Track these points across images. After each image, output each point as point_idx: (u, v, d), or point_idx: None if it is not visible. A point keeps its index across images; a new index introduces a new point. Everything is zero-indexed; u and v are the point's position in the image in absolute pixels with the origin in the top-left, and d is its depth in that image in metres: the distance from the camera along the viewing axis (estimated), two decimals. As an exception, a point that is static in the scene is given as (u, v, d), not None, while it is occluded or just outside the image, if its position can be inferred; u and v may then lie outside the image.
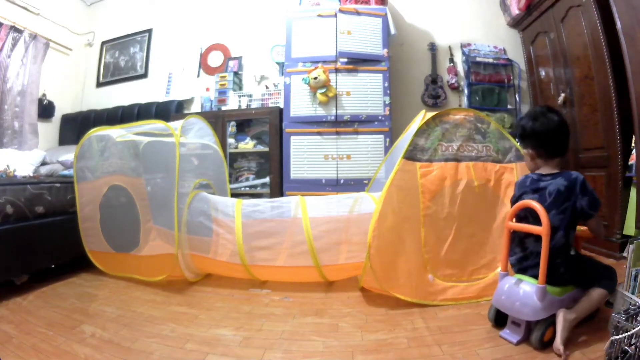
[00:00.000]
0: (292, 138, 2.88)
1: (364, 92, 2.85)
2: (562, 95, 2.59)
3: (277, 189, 2.97)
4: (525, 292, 1.17)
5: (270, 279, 1.95)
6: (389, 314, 1.49)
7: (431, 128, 1.66)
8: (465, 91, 3.23)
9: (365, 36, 2.88)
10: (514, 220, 1.30)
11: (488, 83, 3.19)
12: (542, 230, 1.15)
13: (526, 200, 1.23)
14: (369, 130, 2.82)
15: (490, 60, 3.21)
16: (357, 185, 2.72)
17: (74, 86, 4.11)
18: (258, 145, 3.25)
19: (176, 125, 1.98)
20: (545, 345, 1.13)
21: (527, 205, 1.21)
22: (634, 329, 0.95)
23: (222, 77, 3.52)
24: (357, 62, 2.87)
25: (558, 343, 1.09)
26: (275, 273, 1.92)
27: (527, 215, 1.26)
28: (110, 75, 4.11)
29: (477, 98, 3.18)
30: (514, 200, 1.35)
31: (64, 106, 3.94)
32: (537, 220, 1.18)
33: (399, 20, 3.39)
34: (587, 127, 2.37)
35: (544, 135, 1.29)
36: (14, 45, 3.28)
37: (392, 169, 1.60)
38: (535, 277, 1.16)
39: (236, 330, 1.39)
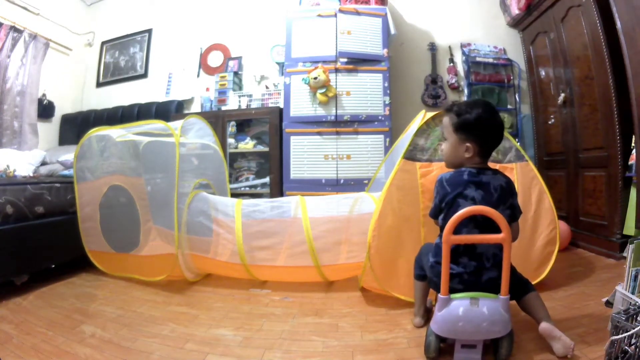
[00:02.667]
0: (292, 138, 2.88)
1: (364, 92, 2.85)
2: (562, 95, 2.59)
3: (277, 189, 2.97)
4: (490, 309, 1.05)
5: (270, 279, 1.95)
6: (389, 314, 1.49)
7: (431, 128, 1.66)
8: (465, 91, 3.23)
9: (365, 36, 2.88)
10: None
11: (488, 83, 3.19)
12: (502, 237, 1.04)
13: (478, 207, 1.06)
14: (369, 130, 2.82)
15: (490, 60, 3.21)
16: (357, 185, 2.72)
17: (74, 86, 4.11)
18: (258, 145, 3.25)
19: (176, 125, 1.98)
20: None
21: (479, 212, 1.05)
22: (634, 329, 0.95)
23: (222, 77, 3.52)
24: (357, 62, 2.87)
25: (568, 343, 1.07)
26: (275, 273, 1.92)
27: (465, 223, 1.09)
28: (110, 75, 4.11)
29: (477, 98, 3.18)
30: (447, 201, 1.14)
31: (63, 106, 3.94)
32: (481, 228, 1.09)
33: (399, 20, 3.39)
34: (587, 127, 2.37)
35: (495, 131, 1.17)
36: (13, 45, 3.28)
37: (392, 169, 1.60)
38: (491, 289, 1.09)
39: (236, 330, 1.39)
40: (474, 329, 1.07)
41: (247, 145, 3.25)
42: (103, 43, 4.16)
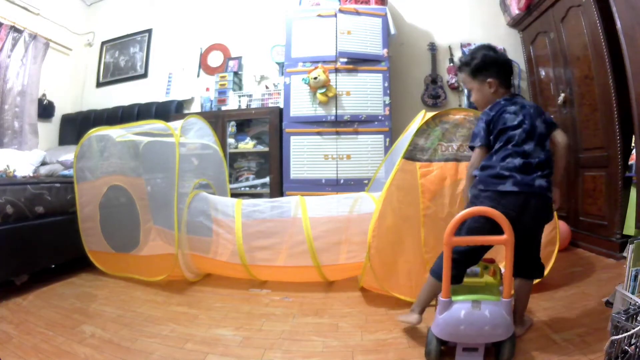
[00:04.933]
0: (292, 138, 2.88)
1: (363, 92, 2.85)
2: (562, 95, 2.59)
3: (277, 189, 2.97)
4: (492, 312, 1.05)
5: (270, 279, 1.95)
6: (389, 314, 1.49)
7: (431, 128, 1.66)
8: (465, 91, 3.23)
9: (365, 36, 2.88)
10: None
11: (488, 83, 3.19)
12: (505, 238, 1.03)
13: (481, 208, 1.07)
14: (369, 130, 2.82)
15: (490, 60, 3.20)
16: (357, 185, 2.72)
17: (74, 86, 4.11)
18: (258, 145, 3.25)
19: (176, 125, 1.98)
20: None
21: (483, 213, 1.06)
22: (634, 329, 0.95)
23: (222, 77, 3.52)
24: (357, 62, 2.87)
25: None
26: (275, 273, 1.92)
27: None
28: (110, 75, 4.11)
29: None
30: (493, 120, 1.23)
31: (64, 106, 3.94)
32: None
33: (399, 20, 3.39)
34: (587, 127, 2.37)
35: (502, 60, 1.32)
36: (14, 45, 3.28)
37: (392, 169, 1.60)
38: (541, 198, 1.13)
39: (236, 330, 1.39)
40: (475, 332, 1.06)
41: (247, 145, 3.25)
42: (103, 43, 4.16)
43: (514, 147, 1.17)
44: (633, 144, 2.00)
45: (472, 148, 1.30)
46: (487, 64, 1.30)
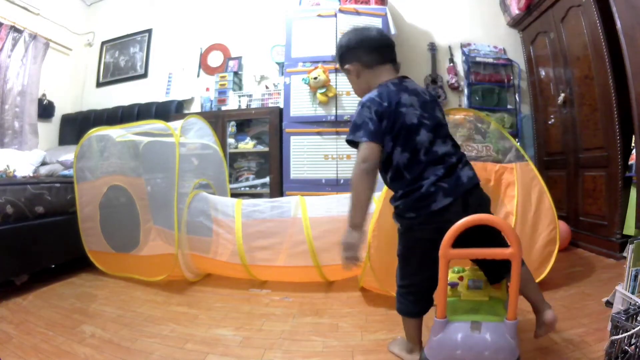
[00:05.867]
0: (292, 138, 2.88)
1: (364, 92, 2.85)
2: (562, 95, 2.59)
3: (277, 189, 2.97)
4: (494, 335, 0.90)
5: (270, 279, 1.95)
6: (389, 314, 1.49)
7: (431, 128, 1.66)
8: (465, 91, 3.23)
9: (365, 36, 2.88)
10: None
11: (488, 83, 3.19)
12: (511, 252, 0.85)
13: (482, 216, 0.87)
14: (369, 130, 2.82)
15: (490, 60, 3.21)
16: (357, 185, 2.71)
17: (74, 86, 4.11)
18: (258, 145, 3.25)
19: (176, 125, 1.98)
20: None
21: (484, 222, 0.86)
22: (634, 329, 0.95)
23: (222, 77, 3.52)
24: (357, 62, 2.86)
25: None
26: (275, 273, 1.92)
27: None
28: (110, 75, 4.11)
29: (477, 98, 3.18)
30: (388, 114, 1.01)
31: (64, 106, 3.94)
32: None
33: (399, 20, 3.38)
34: (587, 127, 2.37)
35: (365, 40, 1.11)
36: (14, 45, 3.28)
37: (392, 169, 1.60)
38: (477, 191, 0.99)
39: (236, 330, 1.39)
40: (474, 358, 0.92)
41: (247, 145, 3.25)
42: (103, 43, 4.16)
43: (426, 155, 0.99)
44: (633, 144, 2.00)
45: (352, 143, 1.07)
46: (341, 51, 1.14)
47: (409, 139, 1.00)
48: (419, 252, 1.03)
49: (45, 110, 3.69)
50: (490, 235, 0.94)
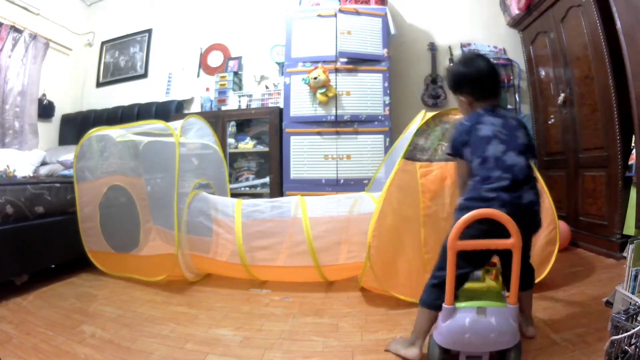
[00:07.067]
0: (292, 138, 2.88)
1: (363, 92, 2.85)
2: (562, 95, 2.59)
3: (277, 189, 2.97)
4: (498, 319, 1.01)
5: (270, 279, 1.95)
6: (389, 314, 1.49)
7: (431, 128, 1.66)
8: (465, 91, 3.22)
9: (365, 36, 2.88)
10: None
11: (488, 83, 3.19)
12: (512, 242, 0.98)
13: (488, 210, 0.99)
14: (369, 130, 2.82)
15: (490, 60, 3.20)
16: (357, 185, 2.72)
17: (74, 86, 4.11)
18: (258, 145, 3.25)
19: (176, 125, 1.98)
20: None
21: (489, 216, 0.98)
22: (634, 329, 0.95)
23: (222, 77, 3.52)
24: (357, 62, 2.87)
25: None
26: (275, 273, 1.92)
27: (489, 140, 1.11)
28: (110, 75, 4.11)
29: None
30: (466, 130, 1.16)
31: (64, 106, 3.94)
32: (507, 144, 1.09)
33: (399, 20, 3.39)
34: (587, 127, 2.37)
35: (477, 75, 1.22)
36: (14, 45, 3.28)
37: (392, 169, 1.60)
38: (532, 215, 1.08)
39: (236, 330, 1.39)
40: (481, 340, 1.01)
41: (247, 145, 3.25)
42: (103, 43, 4.16)
43: (496, 161, 1.08)
44: (633, 144, 2.00)
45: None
46: (456, 82, 1.26)
47: (482, 147, 1.12)
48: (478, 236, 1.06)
49: (45, 110, 3.69)
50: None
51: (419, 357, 1.11)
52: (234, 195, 2.55)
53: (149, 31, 4.01)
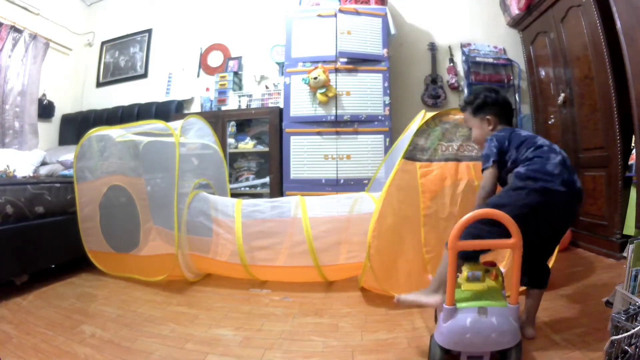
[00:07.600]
0: (292, 138, 2.88)
1: (363, 92, 2.85)
2: (562, 95, 2.59)
3: (277, 189, 2.97)
4: (499, 319, 1.01)
5: (270, 279, 1.95)
6: (389, 314, 1.49)
7: (431, 128, 1.66)
8: (465, 91, 3.23)
9: (365, 36, 2.88)
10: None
11: (488, 83, 3.18)
12: (512, 242, 0.99)
13: (488, 210, 1.04)
14: (368, 130, 2.82)
15: (490, 60, 3.21)
16: (357, 185, 2.72)
17: (74, 86, 4.11)
18: (258, 145, 3.25)
19: (176, 125, 1.98)
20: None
21: (491, 216, 1.02)
22: (634, 329, 0.95)
23: (222, 77, 3.52)
24: (357, 62, 2.87)
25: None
26: (275, 273, 1.92)
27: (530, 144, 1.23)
28: (110, 75, 4.11)
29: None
30: (508, 138, 1.26)
31: (64, 106, 3.94)
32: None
33: (399, 20, 3.39)
34: (587, 127, 2.37)
35: (501, 100, 1.39)
36: (14, 45, 3.28)
37: (392, 169, 1.60)
38: (577, 201, 1.15)
39: (236, 330, 1.39)
40: (482, 340, 1.01)
41: (247, 145, 3.25)
42: (103, 43, 4.16)
43: (550, 147, 1.20)
44: (633, 144, 2.00)
45: (483, 170, 1.28)
46: (487, 103, 1.38)
47: (530, 143, 1.23)
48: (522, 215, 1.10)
49: (45, 110, 3.69)
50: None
51: (442, 302, 1.09)
52: (234, 195, 2.55)
53: (149, 31, 4.01)
